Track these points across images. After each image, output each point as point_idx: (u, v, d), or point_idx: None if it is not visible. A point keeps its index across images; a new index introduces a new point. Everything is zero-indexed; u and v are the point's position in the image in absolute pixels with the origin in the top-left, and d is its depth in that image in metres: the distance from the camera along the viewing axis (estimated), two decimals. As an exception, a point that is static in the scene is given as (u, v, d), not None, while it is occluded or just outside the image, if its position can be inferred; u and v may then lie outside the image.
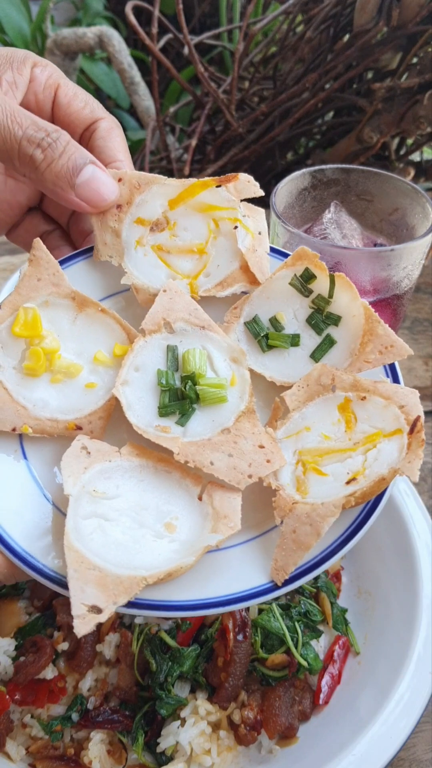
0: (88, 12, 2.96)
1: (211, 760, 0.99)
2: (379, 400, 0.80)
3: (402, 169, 2.28)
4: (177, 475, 0.80)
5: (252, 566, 0.75)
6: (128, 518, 0.75)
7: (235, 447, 0.78)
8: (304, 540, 0.73)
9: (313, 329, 0.90)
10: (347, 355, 0.87)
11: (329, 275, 0.89)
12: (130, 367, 0.84)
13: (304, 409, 0.83)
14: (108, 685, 1.06)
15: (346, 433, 0.81)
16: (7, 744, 1.01)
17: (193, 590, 0.73)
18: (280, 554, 0.74)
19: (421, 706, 0.99)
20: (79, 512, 0.74)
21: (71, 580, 0.67)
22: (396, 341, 0.84)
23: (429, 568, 1.13)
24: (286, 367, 0.89)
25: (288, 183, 1.35)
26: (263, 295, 0.92)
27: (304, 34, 2.10)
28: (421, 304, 2.03)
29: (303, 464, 0.79)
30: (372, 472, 0.75)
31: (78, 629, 0.65)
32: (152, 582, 0.69)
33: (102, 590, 0.68)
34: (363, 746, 0.95)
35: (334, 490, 0.76)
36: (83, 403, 0.84)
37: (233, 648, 1.02)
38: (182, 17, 2.03)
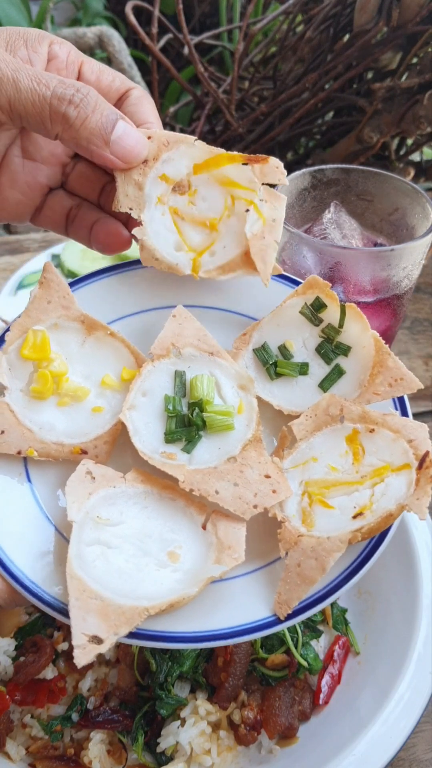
0: (88, 12, 2.96)
1: (211, 760, 0.99)
2: (388, 434, 0.80)
3: (402, 169, 2.28)
4: (181, 503, 0.79)
5: (255, 598, 0.75)
6: (131, 546, 0.75)
7: (241, 476, 0.78)
8: (308, 574, 0.73)
9: (323, 359, 0.90)
10: (356, 386, 0.87)
11: (340, 305, 0.88)
12: (138, 392, 0.84)
13: (311, 439, 0.82)
14: (108, 685, 1.06)
15: (353, 466, 0.80)
16: (7, 744, 1.01)
17: (194, 622, 0.72)
18: (284, 588, 0.74)
19: (421, 706, 0.99)
20: (82, 539, 0.73)
21: (73, 609, 0.67)
22: (406, 374, 0.84)
23: (429, 568, 1.13)
24: (294, 396, 0.88)
25: (288, 183, 1.35)
26: (273, 322, 0.91)
27: (304, 34, 2.10)
28: (421, 304, 2.03)
29: (309, 496, 0.79)
30: (379, 507, 0.74)
31: (78, 660, 0.64)
32: (154, 613, 0.69)
33: (103, 620, 0.67)
34: (363, 746, 0.95)
35: (340, 523, 0.75)
36: (89, 427, 0.83)
37: (233, 648, 1.02)
38: (182, 17, 2.03)
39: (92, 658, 0.65)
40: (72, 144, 0.82)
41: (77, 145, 0.81)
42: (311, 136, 2.43)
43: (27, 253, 2.05)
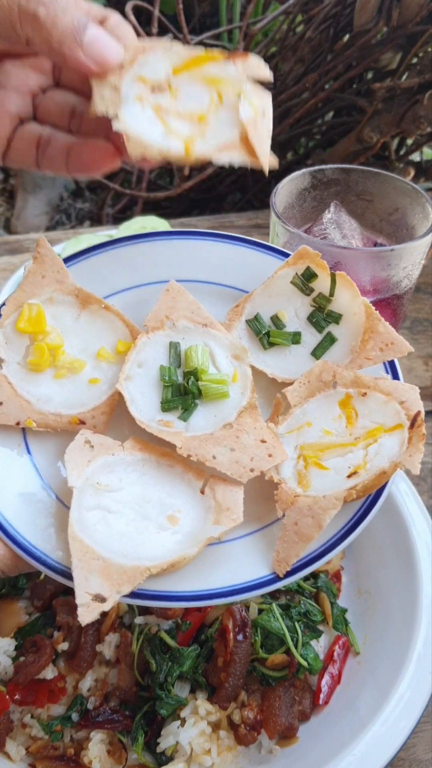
0: (88, 12, 2.96)
1: (211, 760, 0.99)
2: (380, 396, 0.82)
3: (402, 169, 2.28)
4: (179, 469, 0.80)
5: (254, 558, 0.76)
6: (131, 510, 0.76)
7: (237, 441, 0.79)
8: (305, 532, 0.74)
9: (314, 327, 0.91)
10: (348, 353, 0.88)
11: (330, 274, 0.90)
12: (133, 363, 0.85)
13: (305, 405, 0.84)
14: (108, 685, 1.06)
15: (347, 429, 0.82)
16: (7, 744, 1.01)
17: (195, 581, 0.73)
18: (282, 546, 0.75)
19: (421, 706, 0.99)
20: (82, 504, 0.74)
21: (75, 570, 0.68)
22: (396, 338, 0.86)
23: (429, 568, 1.13)
24: (288, 364, 0.90)
25: (288, 183, 1.35)
26: (265, 293, 0.92)
27: (304, 34, 2.10)
28: (421, 304, 2.03)
29: (304, 459, 0.80)
30: (373, 466, 0.76)
31: (82, 618, 0.65)
32: (155, 572, 0.70)
33: (106, 579, 0.68)
34: (363, 746, 0.95)
35: (335, 483, 0.77)
36: (86, 398, 0.85)
37: (233, 648, 1.02)
38: (182, 17, 2.03)
39: (96, 615, 0.66)
40: (44, 48, 0.78)
41: (49, 49, 0.78)
42: (311, 136, 2.43)
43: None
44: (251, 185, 2.41)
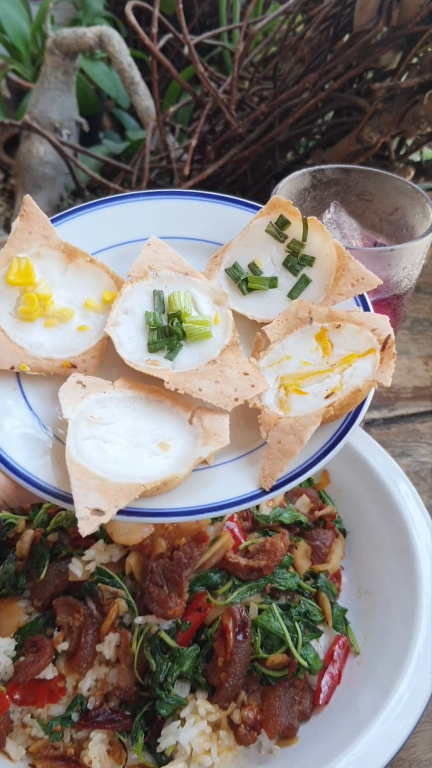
0: (88, 12, 2.96)
1: (211, 760, 0.99)
2: (353, 327, 0.87)
3: (402, 169, 2.28)
4: (168, 404, 0.85)
5: (241, 478, 0.80)
6: (124, 440, 0.80)
7: (222, 375, 0.84)
8: (288, 448, 0.79)
9: (290, 271, 0.96)
10: (322, 291, 0.94)
11: (302, 219, 0.95)
12: (120, 310, 0.89)
13: (284, 341, 0.89)
14: (108, 685, 1.06)
15: (323, 358, 0.87)
16: (7, 744, 1.01)
17: (186, 500, 0.78)
18: (267, 463, 0.79)
19: (421, 706, 0.99)
20: (78, 434, 0.78)
21: (75, 488, 0.72)
22: (366, 273, 0.91)
23: (429, 568, 1.13)
24: (266, 307, 0.95)
25: (288, 183, 1.35)
26: (242, 243, 0.98)
27: (304, 34, 2.09)
28: (421, 304, 2.03)
29: (285, 387, 0.86)
30: (349, 386, 0.81)
31: (83, 530, 0.69)
32: (149, 488, 0.74)
33: (103, 495, 0.72)
34: (363, 746, 0.95)
35: (314, 404, 0.82)
36: (77, 343, 0.89)
37: (233, 648, 1.02)
38: (182, 17, 2.03)
39: (95, 528, 0.69)
40: None
41: None
42: (311, 136, 2.43)
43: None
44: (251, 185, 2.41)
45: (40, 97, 2.46)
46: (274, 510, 1.22)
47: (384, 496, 1.25)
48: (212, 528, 1.12)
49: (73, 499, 0.73)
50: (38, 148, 2.45)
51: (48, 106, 2.47)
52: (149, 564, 1.07)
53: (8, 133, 2.82)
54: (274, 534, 1.18)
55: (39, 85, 2.46)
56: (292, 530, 1.25)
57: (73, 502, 0.73)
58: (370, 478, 1.29)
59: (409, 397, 1.75)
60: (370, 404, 0.85)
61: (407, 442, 1.62)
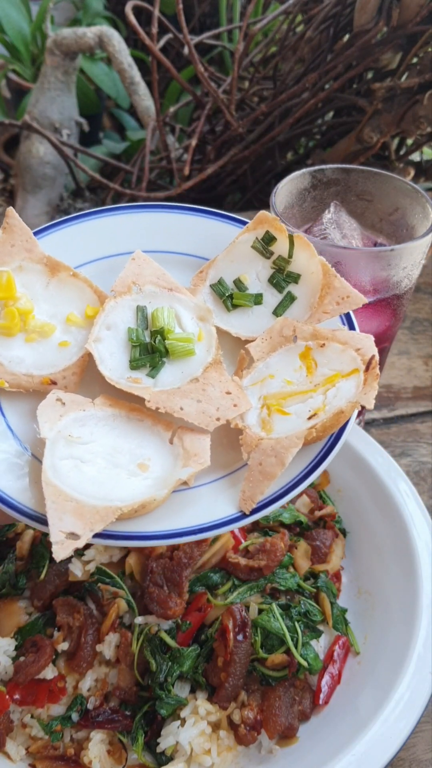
0: (88, 12, 2.96)
1: (211, 760, 0.99)
2: (337, 346, 0.87)
3: (402, 169, 2.28)
4: (148, 422, 0.84)
5: (221, 500, 0.79)
6: (103, 460, 0.79)
7: (204, 394, 0.83)
8: (269, 470, 0.78)
9: (275, 288, 0.96)
10: (307, 309, 0.93)
11: (288, 236, 0.95)
12: (102, 326, 0.89)
13: (267, 359, 0.88)
14: (108, 685, 1.06)
15: (307, 378, 0.86)
16: (7, 744, 1.01)
17: (165, 522, 0.76)
18: (247, 485, 0.78)
19: (421, 706, 0.99)
20: (55, 454, 0.77)
21: (50, 510, 0.71)
22: (351, 292, 0.91)
23: (429, 568, 1.13)
24: (251, 324, 0.94)
25: (288, 183, 1.35)
26: (227, 258, 0.97)
27: (304, 34, 2.10)
28: (421, 304, 2.03)
29: (267, 407, 0.85)
30: (331, 407, 0.81)
31: (57, 554, 0.68)
32: (127, 511, 0.73)
33: (79, 518, 0.71)
34: (363, 746, 0.95)
35: (297, 425, 0.81)
36: (57, 359, 0.88)
37: (233, 648, 1.02)
38: (182, 17, 2.03)
39: (70, 552, 0.68)
40: None
41: None
42: (311, 136, 2.43)
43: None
44: (251, 185, 2.41)
45: (40, 97, 2.46)
46: (274, 510, 1.22)
47: (384, 496, 1.25)
48: (212, 528, 1.12)
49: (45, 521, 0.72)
50: (38, 148, 2.45)
51: (48, 106, 2.47)
52: (149, 564, 1.07)
53: (8, 133, 2.82)
54: (274, 534, 1.18)
55: (39, 85, 2.47)
56: (292, 530, 1.25)
57: (45, 523, 0.72)
58: (370, 478, 1.29)
59: (409, 397, 1.75)
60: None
61: (407, 442, 1.62)
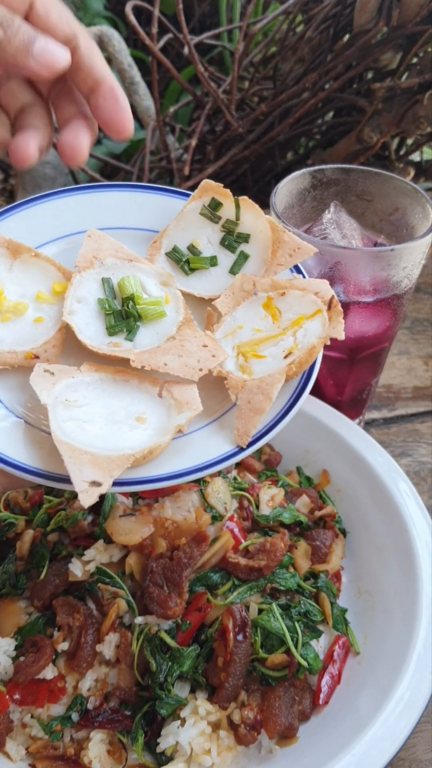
0: (88, 12, 2.96)
1: (211, 760, 0.99)
2: (297, 293, 0.94)
3: (402, 169, 2.28)
4: (135, 381, 0.88)
5: (216, 440, 0.85)
6: (102, 419, 0.83)
7: (183, 349, 0.89)
8: (259, 406, 0.84)
9: (228, 249, 1.02)
10: (261, 264, 0.99)
11: (234, 200, 1.01)
12: (73, 300, 0.92)
13: (234, 313, 0.95)
14: (108, 685, 1.06)
15: (274, 324, 0.93)
16: (6, 744, 1.01)
17: (170, 465, 0.82)
18: (240, 422, 0.84)
19: (421, 706, 0.99)
20: (58, 417, 0.80)
21: (68, 464, 0.74)
22: (301, 243, 0.98)
23: (429, 568, 1.13)
24: (210, 284, 1.00)
25: (288, 183, 1.35)
26: (178, 227, 1.03)
27: (304, 34, 2.10)
28: (421, 304, 2.03)
29: (243, 354, 0.91)
30: (304, 345, 0.88)
31: (84, 501, 0.71)
32: (139, 457, 0.78)
33: (97, 468, 0.75)
34: (363, 746, 0.95)
35: (274, 365, 0.88)
36: (36, 335, 0.91)
37: (233, 648, 1.02)
38: (182, 17, 2.03)
39: (95, 498, 0.72)
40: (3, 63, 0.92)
41: (5, 61, 0.91)
42: (311, 136, 2.43)
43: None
44: (251, 185, 2.41)
45: (40, 97, 2.46)
46: (274, 510, 1.22)
47: (384, 496, 1.25)
48: (212, 528, 1.12)
49: (60, 478, 0.76)
50: (38, 148, 2.44)
51: (48, 106, 2.46)
52: (149, 564, 1.07)
53: (8, 133, 2.81)
54: (274, 534, 1.18)
55: (39, 85, 2.46)
56: (292, 530, 1.25)
57: (61, 480, 0.76)
58: (370, 478, 1.29)
59: (409, 397, 1.75)
60: (371, 404, 0.87)
61: (407, 442, 1.63)
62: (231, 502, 1.18)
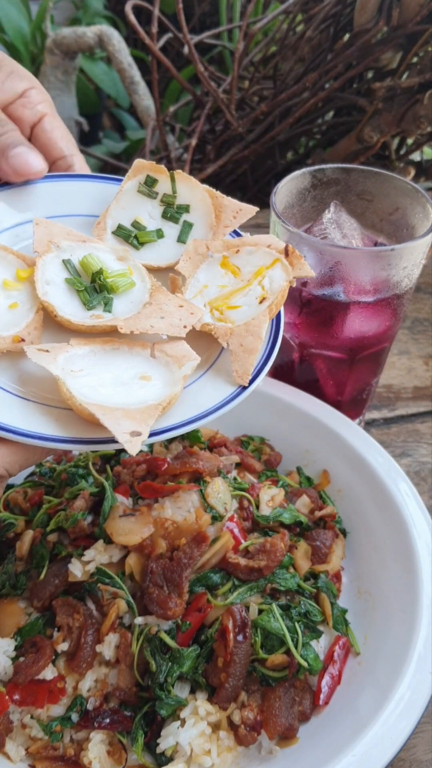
0: (88, 11, 2.96)
1: (211, 760, 0.99)
2: (249, 248, 0.99)
3: (402, 169, 2.28)
4: (125, 348, 0.91)
5: (218, 385, 0.90)
6: (111, 382, 0.86)
7: (162, 311, 0.93)
8: (251, 347, 0.90)
9: (171, 221, 1.06)
10: (208, 230, 1.05)
11: (169, 174, 1.05)
12: (42, 282, 0.95)
13: (195, 275, 0.99)
14: (108, 685, 1.05)
15: (236, 279, 0.98)
16: (6, 744, 1.01)
17: (186, 414, 0.85)
18: (237, 365, 0.90)
19: (421, 706, 0.99)
20: (73, 385, 0.82)
21: (105, 420, 0.76)
22: (243, 206, 1.03)
23: (429, 568, 1.13)
24: (162, 254, 1.04)
25: (288, 183, 1.35)
26: (118, 207, 1.06)
27: (304, 33, 2.10)
28: (421, 304, 2.03)
29: (216, 309, 0.96)
30: (274, 289, 0.94)
31: (131, 450, 0.74)
32: (164, 406, 0.81)
33: (132, 420, 0.78)
34: (363, 747, 0.95)
35: (251, 311, 0.93)
36: (16, 319, 0.93)
37: (233, 648, 1.02)
38: (182, 16, 2.03)
39: (140, 446, 0.74)
40: None
41: None
42: (311, 135, 2.43)
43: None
44: (251, 185, 2.41)
45: (39, 96, 2.46)
46: (274, 510, 1.22)
47: (384, 496, 1.25)
48: (212, 528, 1.12)
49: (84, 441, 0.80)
50: (38, 147, 2.44)
51: (48, 106, 2.46)
52: (149, 564, 1.07)
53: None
54: (274, 534, 1.18)
55: (39, 85, 2.46)
56: (292, 530, 1.25)
57: (85, 443, 0.80)
58: (370, 478, 1.29)
59: (409, 397, 1.75)
60: (371, 404, 0.87)
61: (407, 442, 1.62)
62: (231, 503, 1.18)
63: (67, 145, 1.09)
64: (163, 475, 1.18)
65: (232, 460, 1.28)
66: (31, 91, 1.06)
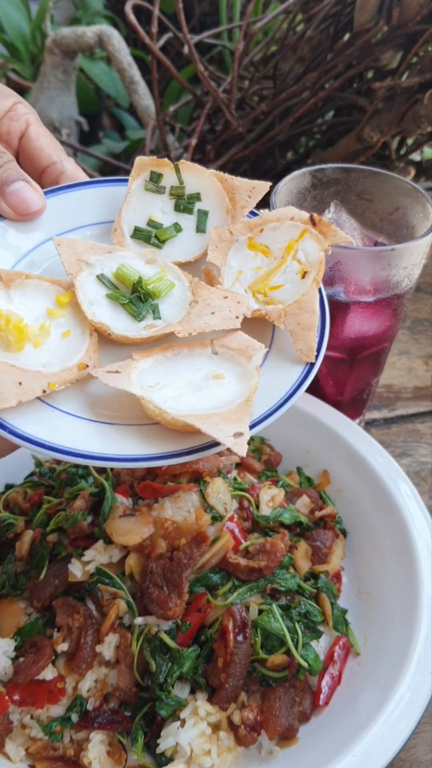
0: (88, 11, 2.95)
1: (211, 761, 0.99)
2: (273, 224, 0.97)
3: (402, 169, 2.28)
4: (185, 351, 0.89)
5: (286, 366, 0.88)
6: (188, 390, 0.84)
7: (211, 307, 0.91)
8: (308, 323, 0.89)
9: (185, 212, 1.04)
10: (224, 214, 1.02)
11: (173, 165, 1.04)
12: (87, 303, 0.92)
13: (227, 263, 0.97)
14: (108, 686, 1.05)
15: (269, 258, 0.96)
16: (6, 745, 1.01)
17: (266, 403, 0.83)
18: (300, 343, 0.88)
19: (421, 706, 0.99)
20: (157, 401, 0.81)
21: (206, 429, 0.75)
22: (255, 183, 1.02)
23: (429, 568, 1.13)
24: (186, 248, 1.02)
25: (288, 182, 1.35)
26: (129, 209, 1.04)
27: (304, 33, 2.09)
28: (421, 304, 2.03)
29: (259, 292, 0.94)
30: (311, 262, 0.93)
31: (240, 450, 0.73)
32: (251, 400, 0.80)
33: (230, 423, 0.76)
34: (363, 747, 0.95)
35: (297, 288, 0.92)
36: (73, 346, 0.90)
37: (233, 649, 1.02)
38: (182, 16, 2.02)
39: (246, 447, 0.73)
40: None
41: None
42: (311, 135, 2.43)
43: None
44: (251, 185, 2.41)
45: (39, 96, 2.46)
46: (274, 510, 1.22)
47: (384, 496, 1.25)
48: (212, 528, 1.12)
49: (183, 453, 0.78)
50: (38, 147, 2.44)
51: (47, 106, 2.46)
52: (149, 565, 1.07)
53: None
54: (274, 534, 1.18)
55: (38, 85, 2.46)
56: (293, 531, 1.25)
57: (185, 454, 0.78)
58: (370, 478, 1.29)
59: (409, 397, 1.75)
60: (371, 404, 0.87)
61: (407, 442, 1.62)
62: (231, 503, 1.18)
63: (55, 150, 1.08)
64: (163, 475, 1.18)
65: (232, 460, 1.28)
66: (17, 105, 1.06)
